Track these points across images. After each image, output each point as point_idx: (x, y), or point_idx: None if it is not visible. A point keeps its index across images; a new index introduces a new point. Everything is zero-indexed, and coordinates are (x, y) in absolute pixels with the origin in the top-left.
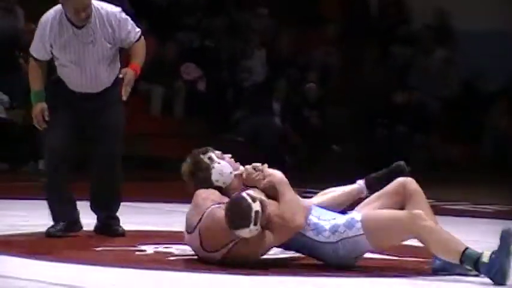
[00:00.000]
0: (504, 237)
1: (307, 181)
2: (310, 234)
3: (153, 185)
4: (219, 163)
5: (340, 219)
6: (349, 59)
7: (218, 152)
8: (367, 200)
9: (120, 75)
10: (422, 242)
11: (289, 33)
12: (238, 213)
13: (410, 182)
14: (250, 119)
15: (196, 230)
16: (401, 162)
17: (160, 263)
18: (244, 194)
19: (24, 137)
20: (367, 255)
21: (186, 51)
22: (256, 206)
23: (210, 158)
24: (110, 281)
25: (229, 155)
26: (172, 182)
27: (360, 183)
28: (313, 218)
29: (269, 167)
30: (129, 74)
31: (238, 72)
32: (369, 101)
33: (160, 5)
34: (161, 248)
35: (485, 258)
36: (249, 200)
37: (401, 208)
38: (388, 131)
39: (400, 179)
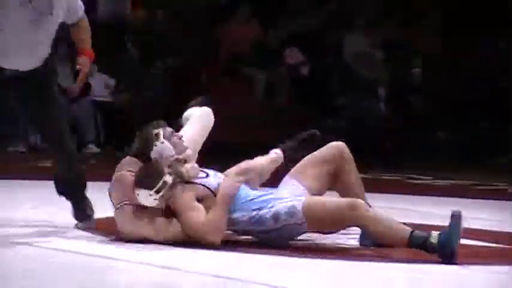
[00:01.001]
0: (454, 218)
1: (409, 168)
2: (253, 227)
3: None
4: (162, 143)
5: (280, 205)
6: (454, 45)
7: (169, 130)
8: (301, 165)
9: (78, 67)
10: (365, 231)
11: (395, 18)
12: (148, 174)
13: (345, 148)
14: (354, 104)
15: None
16: (315, 131)
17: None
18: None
19: (129, 119)
20: None
21: (289, 36)
22: (168, 178)
23: (156, 135)
24: (214, 265)
25: (180, 135)
26: None
27: (277, 152)
28: (253, 213)
29: (372, 152)
30: (86, 64)
31: (342, 58)
32: (475, 87)
33: None
34: None
35: (433, 239)
36: (165, 170)
37: (336, 175)
38: (493, 118)
39: (337, 145)
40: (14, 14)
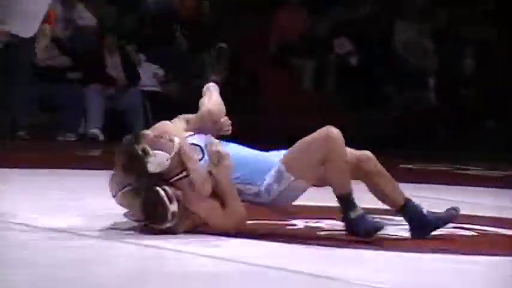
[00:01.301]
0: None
1: (459, 157)
2: (250, 198)
3: None
4: (154, 156)
5: (269, 176)
6: (506, 34)
7: (150, 137)
8: (291, 152)
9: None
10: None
11: (446, 6)
12: (154, 215)
13: (333, 132)
14: (403, 94)
15: None
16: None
17: (310, 237)
18: (161, 192)
19: (178, 109)
20: None
21: (338, 24)
22: (173, 207)
23: (144, 151)
24: (261, 255)
25: (163, 133)
26: None
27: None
28: (253, 188)
29: (420, 142)
30: None
31: (392, 47)
32: None
33: None
34: (311, 223)
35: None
36: (166, 202)
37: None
38: None
39: (322, 134)
40: None
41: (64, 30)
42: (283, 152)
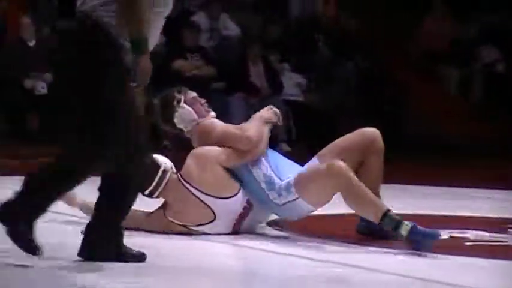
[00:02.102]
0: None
1: None
2: (263, 185)
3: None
4: (183, 108)
5: (285, 180)
6: None
7: (192, 95)
8: (329, 148)
9: None
10: (342, 195)
11: None
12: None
13: (376, 137)
14: None
15: None
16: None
17: (457, 248)
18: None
19: (322, 119)
20: None
21: (484, 32)
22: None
23: (178, 101)
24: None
25: (203, 101)
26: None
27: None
28: (275, 179)
29: None
30: None
31: None
32: None
33: None
34: (456, 233)
35: (404, 231)
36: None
37: (361, 162)
38: None
39: (368, 134)
40: None
41: (209, 40)
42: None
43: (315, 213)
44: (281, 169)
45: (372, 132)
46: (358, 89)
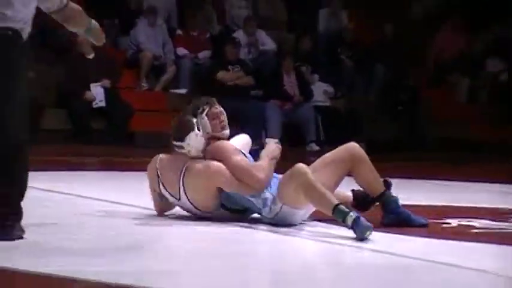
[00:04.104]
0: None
1: None
2: (259, 205)
3: (465, 166)
4: (202, 118)
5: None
6: None
7: (216, 110)
8: (316, 165)
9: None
10: (302, 193)
11: None
12: (180, 125)
13: (355, 149)
14: None
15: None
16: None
17: (462, 234)
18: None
19: (346, 122)
20: None
21: (491, 44)
22: (197, 119)
23: (201, 111)
24: (418, 249)
25: (223, 117)
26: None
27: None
28: (267, 193)
29: None
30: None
31: None
32: None
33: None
34: (464, 221)
35: (349, 222)
36: (190, 118)
37: (352, 172)
38: None
39: (348, 148)
40: None
41: (248, 54)
42: None
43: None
44: (273, 185)
45: (352, 145)
46: (378, 95)
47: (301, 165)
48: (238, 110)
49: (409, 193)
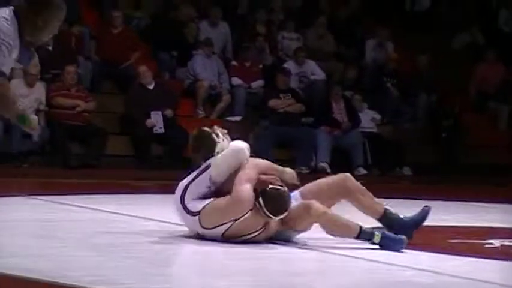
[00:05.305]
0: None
1: None
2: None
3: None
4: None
5: None
6: None
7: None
8: (310, 188)
9: None
10: (322, 228)
11: None
12: (201, 142)
13: (347, 181)
14: None
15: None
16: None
17: (506, 254)
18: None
19: (392, 147)
20: None
21: None
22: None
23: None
24: (464, 269)
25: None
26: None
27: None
28: None
29: None
30: None
31: None
32: None
33: (509, 34)
34: (507, 242)
35: (376, 240)
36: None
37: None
38: None
39: (340, 180)
40: None
41: (298, 83)
42: None
43: None
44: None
45: (343, 175)
46: (423, 122)
47: (317, 206)
48: (290, 136)
49: (451, 214)
